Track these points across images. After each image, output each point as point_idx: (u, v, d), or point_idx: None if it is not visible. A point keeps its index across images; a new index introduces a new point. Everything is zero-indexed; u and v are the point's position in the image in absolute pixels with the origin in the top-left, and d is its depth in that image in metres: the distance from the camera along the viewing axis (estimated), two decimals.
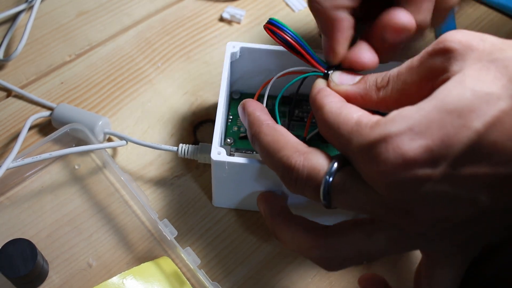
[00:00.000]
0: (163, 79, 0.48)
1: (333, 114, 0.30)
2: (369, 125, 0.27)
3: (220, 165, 0.36)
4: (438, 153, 0.24)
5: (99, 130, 0.43)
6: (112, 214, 0.41)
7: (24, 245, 0.36)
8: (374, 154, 0.26)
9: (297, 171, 0.30)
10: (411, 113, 0.25)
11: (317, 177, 0.29)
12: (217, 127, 0.37)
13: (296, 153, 0.30)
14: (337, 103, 0.30)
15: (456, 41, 0.27)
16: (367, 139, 0.26)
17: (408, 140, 0.25)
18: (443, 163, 0.24)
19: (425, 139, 0.24)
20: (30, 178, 0.42)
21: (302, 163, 0.30)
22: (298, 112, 0.43)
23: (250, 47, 0.40)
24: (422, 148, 0.24)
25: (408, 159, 0.25)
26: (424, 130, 0.25)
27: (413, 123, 0.25)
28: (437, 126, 0.24)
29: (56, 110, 0.44)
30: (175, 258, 0.39)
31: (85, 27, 0.51)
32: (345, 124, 0.28)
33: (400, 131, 0.25)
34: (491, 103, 0.24)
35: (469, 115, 0.24)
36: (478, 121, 0.24)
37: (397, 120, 0.26)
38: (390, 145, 0.25)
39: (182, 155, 0.42)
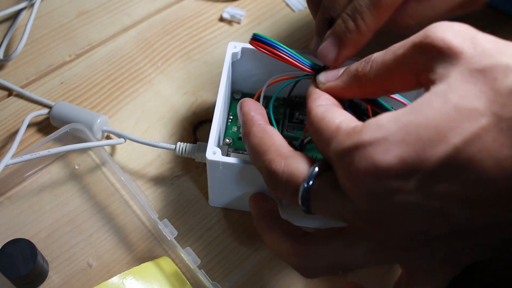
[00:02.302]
0: (163, 79, 0.48)
1: (317, 119, 0.29)
2: (346, 132, 0.26)
3: (215, 164, 0.36)
4: (412, 165, 0.23)
5: (97, 128, 0.43)
6: (112, 214, 0.41)
7: (24, 245, 0.36)
8: (347, 162, 0.25)
9: (277, 175, 0.29)
10: (387, 122, 0.25)
11: (296, 182, 0.29)
12: (213, 126, 0.37)
13: (278, 157, 0.30)
14: (322, 107, 0.30)
15: (446, 41, 0.25)
16: (342, 146, 0.26)
17: (381, 150, 0.24)
18: (417, 176, 0.23)
19: (399, 150, 0.24)
20: (30, 178, 0.42)
21: (282, 168, 0.29)
22: (298, 114, 0.43)
23: (251, 47, 0.40)
24: (396, 159, 0.24)
25: (381, 169, 0.24)
26: (399, 141, 0.24)
27: (389, 133, 0.24)
28: (414, 139, 0.24)
29: (54, 108, 0.44)
30: (175, 258, 0.39)
31: (85, 27, 0.51)
32: (326, 129, 0.28)
33: (374, 140, 0.24)
34: (472, 120, 0.23)
35: (448, 130, 0.23)
36: (457, 137, 0.23)
37: (372, 128, 0.25)
38: (363, 154, 0.24)
39: (180, 154, 0.42)
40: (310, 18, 0.53)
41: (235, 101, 0.44)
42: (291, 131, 0.43)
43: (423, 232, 0.25)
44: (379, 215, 0.25)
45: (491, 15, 0.54)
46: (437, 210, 0.24)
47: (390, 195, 0.24)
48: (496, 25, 0.54)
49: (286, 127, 0.43)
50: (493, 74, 0.24)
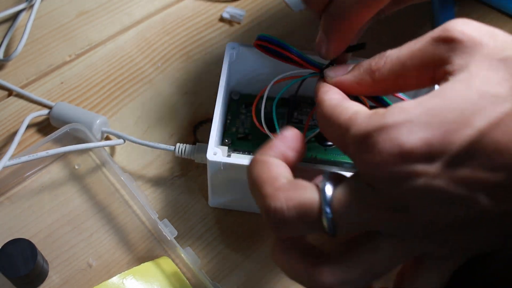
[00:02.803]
0: (163, 79, 0.48)
1: (332, 107, 0.29)
2: (367, 115, 0.26)
3: (215, 165, 0.36)
4: (437, 148, 0.23)
5: (97, 129, 0.43)
6: (112, 214, 0.41)
7: (24, 245, 0.36)
8: (370, 144, 0.25)
9: (282, 213, 0.26)
10: (411, 106, 0.25)
11: (310, 214, 0.26)
12: (214, 127, 0.37)
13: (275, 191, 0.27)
14: (336, 98, 0.30)
15: (466, 33, 0.26)
16: (364, 128, 0.25)
17: (406, 131, 0.24)
18: (442, 159, 0.23)
19: (425, 132, 0.24)
20: (30, 178, 0.42)
21: (285, 204, 0.26)
22: (297, 114, 0.43)
23: (250, 48, 0.40)
24: (421, 141, 0.23)
25: (405, 150, 0.24)
26: (424, 124, 0.24)
27: (414, 116, 0.24)
28: (439, 122, 0.24)
29: (54, 109, 0.44)
30: (175, 258, 0.39)
31: (85, 27, 0.51)
32: (343, 114, 0.27)
33: (399, 122, 0.24)
34: (496, 104, 0.23)
35: (473, 114, 0.23)
36: (482, 120, 0.23)
37: (397, 112, 0.25)
38: (387, 135, 0.24)
39: (179, 155, 0.42)
40: (310, 18, 0.53)
41: (233, 101, 0.44)
42: None
43: (445, 218, 0.25)
44: (402, 198, 0.25)
45: (491, 15, 0.54)
46: (460, 195, 0.24)
47: (414, 178, 0.24)
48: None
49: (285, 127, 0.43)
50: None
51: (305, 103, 0.44)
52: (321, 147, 0.41)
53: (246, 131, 0.43)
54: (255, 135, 0.42)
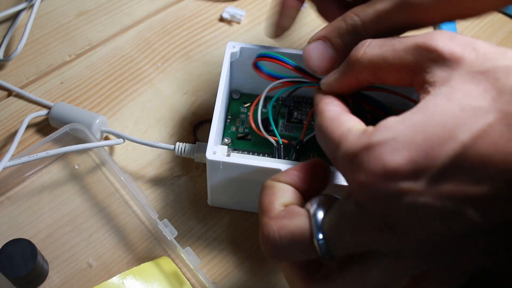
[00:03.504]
0: (163, 79, 0.48)
1: (329, 120, 0.29)
2: (357, 134, 0.26)
3: (215, 164, 0.36)
4: (421, 165, 0.23)
5: (96, 129, 0.43)
6: (112, 214, 0.41)
7: (24, 245, 0.36)
8: (357, 163, 0.25)
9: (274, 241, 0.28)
10: (396, 123, 0.25)
11: (302, 240, 0.27)
12: (213, 126, 0.37)
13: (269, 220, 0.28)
14: (335, 111, 0.30)
15: (449, 47, 0.26)
16: (351, 147, 0.26)
17: (391, 150, 0.24)
18: (427, 175, 0.23)
19: (408, 150, 0.24)
20: (30, 178, 0.42)
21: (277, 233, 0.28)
22: (296, 114, 0.43)
23: (250, 47, 0.40)
24: (405, 159, 0.24)
25: (390, 169, 0.24)
26: (408, 141, 0.24)
27: (397, 133, 0.24)
28: (422, 138, 0.24)
29: (53, 109, 0.44)
30: (175, 258, 0.39)
31: (85, 27, 0.51)
32: (337, 129, 0.28)
33: (383, 141, 0.25)
34: (479, 116, 0.23)
35: (456, 128, 0.23)
36: (465, 134, 0.23)
37: (382, 130, 0.25)
38: (372, 155, 0.25)
39: (179, 154, 0.42)
40: (310, 18, 0.53)
41: (233, 101, 0.44)
42: (290, 130, 0.43)
43: (437, 235, 0.25)
44: (390, 218, 0.25)
45: (491, 15, 0.54)
46: (449, 210, 0.24)
47: (400, 196, 0.24)
48: (496, 26, 0.54)
49: (285, 126, 0.43)
50: (495, 74, 0.24)
51: (306, 103, 0.44)
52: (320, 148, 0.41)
53: (245, 131, 0.43)
54: (255, 135, 0.42)
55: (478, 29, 0.53)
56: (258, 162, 0.35)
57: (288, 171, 0.31)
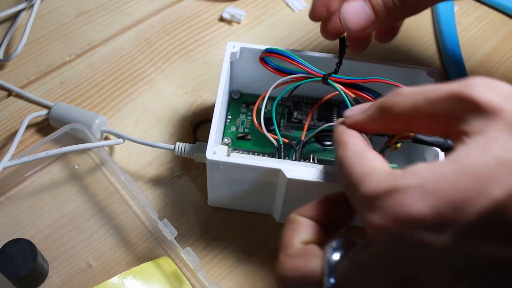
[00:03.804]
0: (163, 79, 0.48)
1: (353, 154, 0.28)
2: (382, 175, 0.25)
3: (214, 164, 0.36)
4: (447, 218, 0.22)
5: (96, 129, 0.43)
6: (112, 214, 0.41)
7: (24, 245, 0.36)
8: (378, 205, 0.24)
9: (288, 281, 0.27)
10: (424, 170, 0.23)
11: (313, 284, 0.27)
12: (213, 126, 0.37)
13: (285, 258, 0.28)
14: (361, 146, 0.29)
15: (486, 98, 0.24)
16: (375, 188, 0.24)
17: (416, 197, 0.23)
18: (451, 230, 0.22)
19: (435, 199, 0.22)
20: (30, 178, 0.42)
21: (291, 273, 0.27)
22: (297, 114, 0.43)
23: (250, 47, 0.40)
24: (430, 209, 0.22)
25: (413, 217, 0.22)
26: (436, 190, 0.22)
27: (426, 181, 0.23)
28: (451, 189, 0.22)
29: (53, 109, 0.44)
30: (175, 258, 0.39)
31: (85, 27, 0.51)
32: (360, 167, 0.26)
33: (409, 186, 0.23)
34: None
35: (489, 183, 0.21)
36: (498, 190, 0.21)
37: (409, 176, 0.24)
38: (396, 199, 0.23)
39: (178, 154, 0.42)
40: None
41: (233, 101, 0.44)
42: (290, 130, 0.43)
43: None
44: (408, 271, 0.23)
45: (491, 15, 0.54)
46: (472, 271, 0.22)
47: (420, 247, 0.22)
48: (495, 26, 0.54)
49: (285, 126, 0.43)
50: None
51: (306, 103, 0.44)
52: (321, 147, 0.41)
53: (245, 131, 0.43)
54: (255, 135, 0.42)
55: (478, 29, 0.53)
56: (258, 162, 0.35)
57: (311, 205, 0.30)
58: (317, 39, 0.51)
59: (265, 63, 0.39)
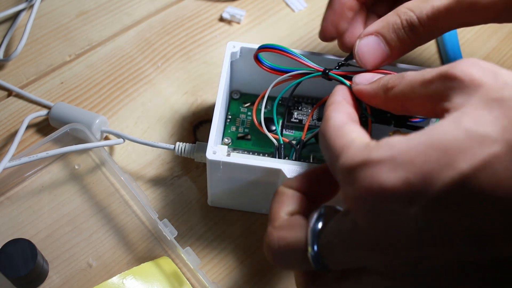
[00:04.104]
0: (163, 79, 0.48)
1: (333, 128, 0.29)
2: (359, 147, 0.26)
3: (215, 164, 0.36)
4: (416, 189, 0.23)
5: (96, 129, 0.43)
6: (112, 214, 0.41)
7: (24, 245, 0.36)
8: (353, 178, 0.25)
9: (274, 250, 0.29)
10: (398, 142, 0.24)
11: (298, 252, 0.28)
12: (213, 126, 0.37)
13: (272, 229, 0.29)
14: (341, 120, 0.30)
15: (468, 72, 0.25)
16: (351, 160, 0.25)
17: (387, 169, 0.23)
18: (420, 201, 0.23)
19: (405, 171, 0.23)
20: (30, 178, 0.42)
21: (277, 243, 0.29)
22: (297, 114, 0.43)
23: (250, 47, 0.40)
24: (400, 181, 0.23)
25: (384, 189, 0.23)
26: (406, 162, 0.23)
27: (397, 152, 0.24)
28: (421, 161, 0.23)
29: (53, 109, 0.44)
30: (175, 258, 0.39)
31: (85, 27, 0.51)
32: (340, 139, 0.28)
33: (381, 159, 0.24)
34: (483, 146, 0.22)
35: (457, 155, 0.22)
36: (465, 163, 0.22)
37: (382, 147, 0.24)
38: (369, 172, 0.24)
39: (179, 154, 0.42)
40: (310, 18, 0.53)
41: (233, 101, 0.44)
42: (290, 130, 0.43)
43: (427, 261, 0.24)
44: (383, 239, 0.24)
45: None
46: (440, 239, 0.23)
47: (392, 217, 0.23)
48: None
49: (285, 126, 0.43)
50: (510, 103, 0.23)
51: (306, 103, 0.44)
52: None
53: (245, 131, 0.43)
54: (255, 135, 0.42)
55: (478, 29, 0.53)
56: (258, 162, 0.35)
57: (298, 177, 0.31)
58: (317, 39, 0.51)
59: (259, 62, 0.38)
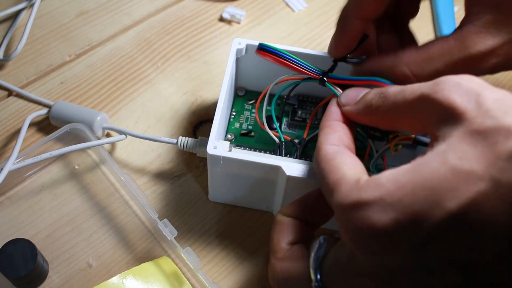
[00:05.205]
0: (163, 79, 0.48)
1: (326, 159, 0.30)
2: (349, 185, 0.27)
3: (215, 159, 0.36)
4: (406, 228, 0.24)
5: (97, 126, 0.43)
6: (112, 214, 0.41)
7: (24, 245, 0.36)
8: (346, 217, 0.26)
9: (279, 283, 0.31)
10: (387, 181, 0.25)
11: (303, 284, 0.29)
12: (215, 121, 0.37)
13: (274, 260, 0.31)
14: (333, 149, 0.30)
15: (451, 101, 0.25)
16: (342, 201, 0.26)
17: (377, 210, 0.24)
18: (411, 239, 0.24)
19: (394, 212, 0.24)
20: (30, 178, 0.42)
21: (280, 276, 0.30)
22: (300, 113, 0.44)
23: (256, 44, 0.40)
24: (390, 221, 0.24)
25: (375, 230, 0.24)
26: (395, 203, 0.24)
27: (386, 193, 0.24)
28: (409, 201, 0.24)
29: (53, 108, 0.44)
30: (175, 258, 0.39)
31: (85, 27, 0.51)
32: (332, 174, 0.28)
33: (371, 200, 0.25)
34: (469, 184, 0.22)
35: (444, 194, 0.23)
36: (453, 202, 0.22)
37: (372, 187, 0.25)
38: (360, 214, 0.25)
39: (181, 148, 0.42)
40: (310, 18, 0.53)
41: (238, 97, 0.44)
42: (293, 129, 0.43)
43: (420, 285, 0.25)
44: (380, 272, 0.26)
45: None
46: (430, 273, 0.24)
47: (384, 255, 0.25)
48: None
49: (289, 125, 0.43)
50: (494, 137, 0.23)
51: (310, 102, 0.44)
52: None
53: (249, 127, 0.43)
54: (258, 132, 0.42)
55: None
56: (258, 158, 0.35)
57: (295, 204, 0.33)
58: (317, 39, 0.51)
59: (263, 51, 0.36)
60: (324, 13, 0.53)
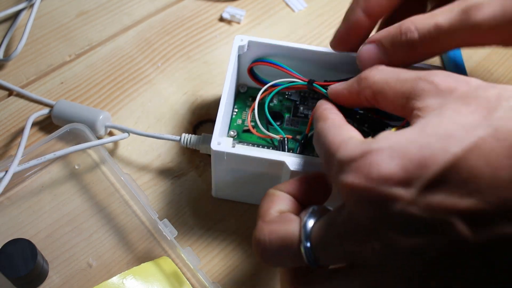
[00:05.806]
0: (163, 79, 0.48)
1: (333, 126, 0.30)
2: (357, 142, 0.27)
3: (219, 155, 0.36)
4: (413, 174, 0.24)
5: (100, 124, 0.43)
6: (112, 214, 0.41)
7: (24, 245, 0.36)
8: (353, 167, 0.26)
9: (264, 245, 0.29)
10: (394, 136, 0.26)
11: (291, 246, 0.28)
12: (219, 117, 0.37)
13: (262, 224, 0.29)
14: (340, 120, 0.31)
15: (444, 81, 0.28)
16: (351, 152, 0.27)
17: (386, 157, 0.25)
18: (417, 184, 0.24)
19: (402, 158, 0.25)
20: (30, 178, 0.42)
21: (268, 237, 0.29)
22: (302, 109, 0.44)
23: (258, 41, 0.40)
24: (398, 167, 0.25)
25: (383, 174, 0.25)
26: (403, 150, 0.25)
27: (394, 143, 0.25)
28: (416, 148, 0.25)
29: (55, 107, 0.44)
30: (175, 258, 0.39)
31: (85, 27, 0.51)
32: (339, 136, 0.29)
33: (380, 149, 0.26)
34: (469, 131, 0.24)
35: (448, 140, 0.24)
36: (457, 146, 0.24)
37: (380, 139, 0.26)
38: (368, 160, 0.25)
39: (184, 145, 0.42)
40: (310, 18, 0.53)
41: (241, 94, 0.45)
42: (296, 125, 0.43)
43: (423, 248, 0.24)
44: (379, 225, 0.25)
45: None
46: (436, 221, 0.24)
47: (389, 202, 0.24)
48: None
49: (291, 121, 0.43)
50: (486, 99, 0.26)
51: (312, 98, 0.44)
52: None
53: (252, 124, 0.43)
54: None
55: None
56: (262, 154, 0.36)
57: (290, 182, 0.32)
58: (317, 39, 0.51)
59: (252, 76, 0.41)
60: (324, 13, 0.53)
